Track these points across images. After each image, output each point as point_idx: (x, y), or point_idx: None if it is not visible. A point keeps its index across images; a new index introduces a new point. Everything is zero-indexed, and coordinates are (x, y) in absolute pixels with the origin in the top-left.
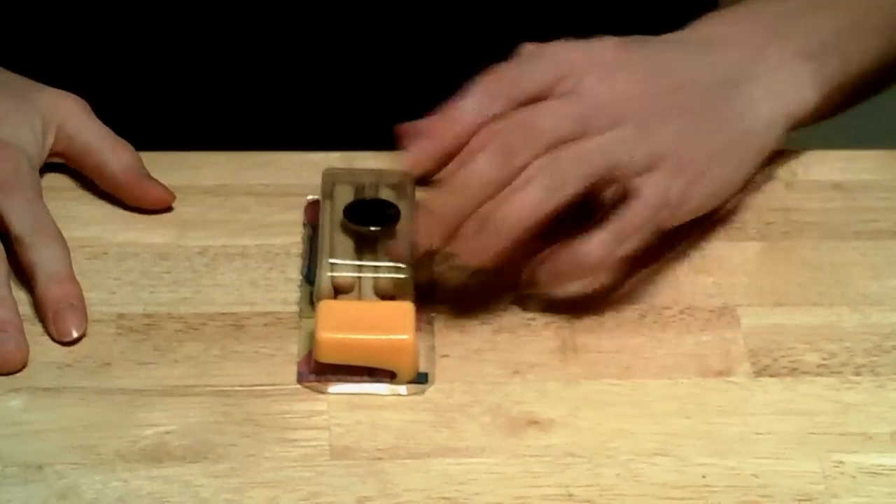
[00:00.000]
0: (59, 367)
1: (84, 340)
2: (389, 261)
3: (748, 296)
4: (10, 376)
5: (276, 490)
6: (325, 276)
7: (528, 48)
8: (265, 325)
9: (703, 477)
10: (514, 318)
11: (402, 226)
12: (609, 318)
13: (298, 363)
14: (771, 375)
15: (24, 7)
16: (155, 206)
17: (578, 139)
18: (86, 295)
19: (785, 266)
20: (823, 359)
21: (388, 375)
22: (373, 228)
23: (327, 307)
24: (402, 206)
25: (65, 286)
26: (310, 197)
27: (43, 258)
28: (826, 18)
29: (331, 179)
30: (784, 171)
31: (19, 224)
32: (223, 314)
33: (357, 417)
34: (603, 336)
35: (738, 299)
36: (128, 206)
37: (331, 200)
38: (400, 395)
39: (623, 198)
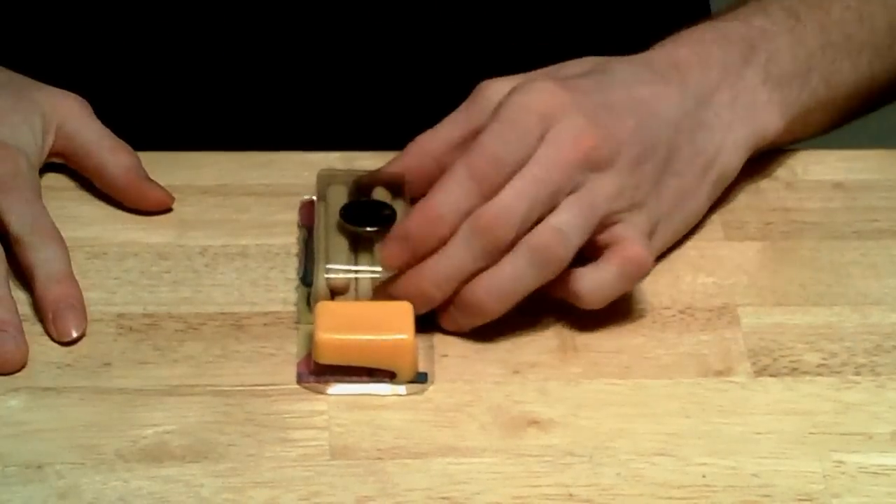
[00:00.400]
0: (58, 366)
1: (84, 340)
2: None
3: (748, 295)
4: (10, 376)
5: (276, 490)
6: (322, 278)
7: (486, 93)
8: (265, 324)
9: (704, 477)
10: (514, 317)
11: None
12: (609, 318)
13: (298, 364)
14: (771, 375)
15: (25, 7)
16: (154, 208)
17: (558, 206)
18: (86, 295)
19: (785, 266)
20: (824, 359)
21: (388, 375)
22: (369, 229)
23: (326, 308)
24: (398, 207)
25: (64, 286)
26: (304, 197)
27: (42, 258)
28: (799, 40)
29: (325, 180)
30: (784, 171)
31: (18, 224)
32: (223, 314)
33: (357, 417)
34: (603, 336)
35: (739, 299)
36: (127, 207)
37: (325, 201)
38: (400, 395)
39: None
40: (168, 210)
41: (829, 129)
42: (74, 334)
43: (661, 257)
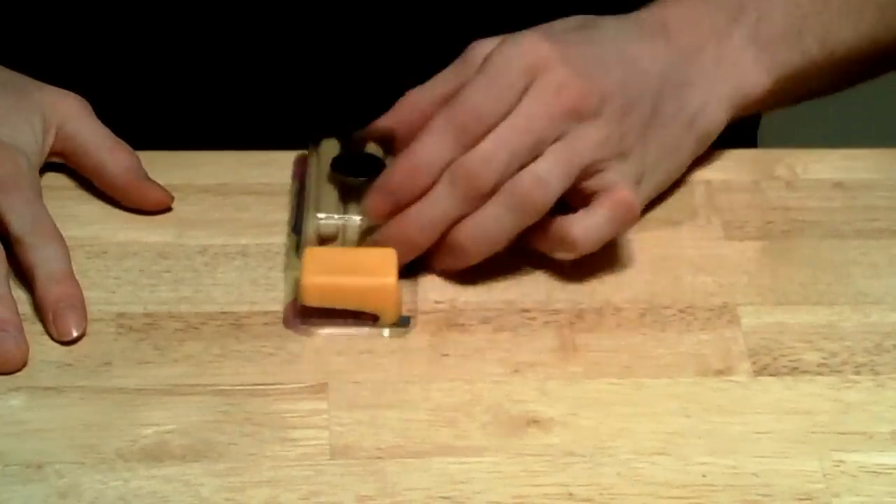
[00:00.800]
0: (59, 366)
1: (84, 340)
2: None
3: (748, 295)
4: (11, 375)
5: (276, 489)
6: (311, 225)
7: (477, 51)
8: (265, 324)
9: (704, 476)
10: (514, 316)
11: None
12: (609, 317)
13: (284, 308)
14: (771, 374)
15: (25, 6)
16: (153, 208)
17: (541, 155)
18: (86, 294)
19: (785, 265)
20: (824, 358)
21: (372, 319)
22: (359, 179)
23: (312, 253)
24: (388, 162)
25: (64, 286)
26: (297, 153)
27: (42, 258)
28: (794, 0)
29: (318, 135)
30: (784, 170)
31: (18, 224)
32: (223, 313)
33: (357, 416)
34: (603, 335)
35: (739, 298)
36: (127, 206)
37: (318, 155)
38: (383, 336)
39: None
40: (168, 210)
41: (830, 90)
42: (75, 334)
43: (660, 256)
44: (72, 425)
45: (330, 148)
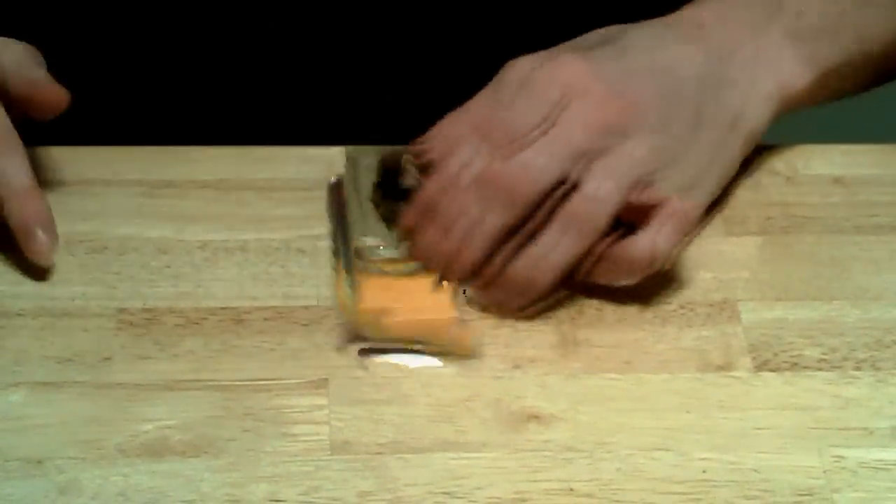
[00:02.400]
0: (58, 361)
1: (84, 335)
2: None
3: (749, 290)
4: (11, 371)
5: (276, 485)
6: (358, 252)
7: (512, 73)
8: (265, 319)
9: (704, 472)
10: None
11: None
12: (609, 313)
13: (340, 337)
14: (771, 370)
15: (25, 3)
16: (48, 108)
17: (585, 179)
18: (86, 289)
19: (785, 261)
20: (824, 353)
21: (434, 353)
22: (403, 203)
23: (367, 282)
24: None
25: (32, 202)
26: (333, 179)
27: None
28: None
29: (354, 157)
30: (784, 166)
31: None
32: (223, 309)
33: (357, 412)
34: (603, 330)
35: (739, 294)
36: (128, 201)
37: (356, 178)
38: (442, 369)
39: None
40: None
41: (865, 87)
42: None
43: None
44: (72, 421)
45: (366, 172)
